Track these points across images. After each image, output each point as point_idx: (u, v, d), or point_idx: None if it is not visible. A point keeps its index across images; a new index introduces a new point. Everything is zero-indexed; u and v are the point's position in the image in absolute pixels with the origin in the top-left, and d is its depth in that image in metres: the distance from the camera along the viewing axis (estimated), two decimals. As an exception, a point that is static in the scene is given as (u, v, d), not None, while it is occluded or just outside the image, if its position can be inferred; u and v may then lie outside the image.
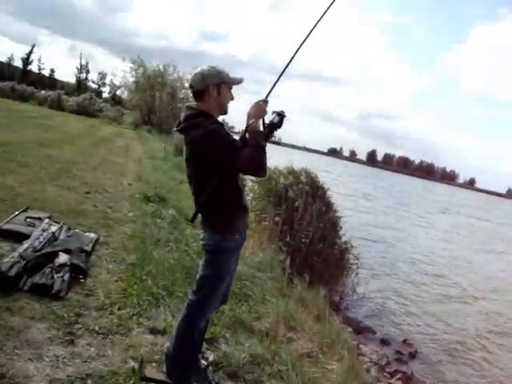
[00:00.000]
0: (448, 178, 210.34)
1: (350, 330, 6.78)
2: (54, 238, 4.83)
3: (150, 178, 10.58)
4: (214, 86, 2.72)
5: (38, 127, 17.00)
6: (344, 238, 9.27)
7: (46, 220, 5.34)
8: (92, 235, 5.30)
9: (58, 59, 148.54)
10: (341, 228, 9.35)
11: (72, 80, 67.05)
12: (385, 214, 26.01)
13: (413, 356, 7.09)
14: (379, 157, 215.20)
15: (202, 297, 2.81)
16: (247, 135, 2.68)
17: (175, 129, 2.82)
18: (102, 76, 69.66)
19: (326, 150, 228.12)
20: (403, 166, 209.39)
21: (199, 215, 2.87)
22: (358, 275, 9.21)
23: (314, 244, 8.17)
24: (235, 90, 2.87)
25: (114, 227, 6.03)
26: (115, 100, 54.51)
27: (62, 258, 4.21)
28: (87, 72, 67.39)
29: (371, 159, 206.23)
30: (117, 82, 39.75)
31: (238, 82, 2.84)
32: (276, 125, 2.75)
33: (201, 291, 2.81)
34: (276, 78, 2.90)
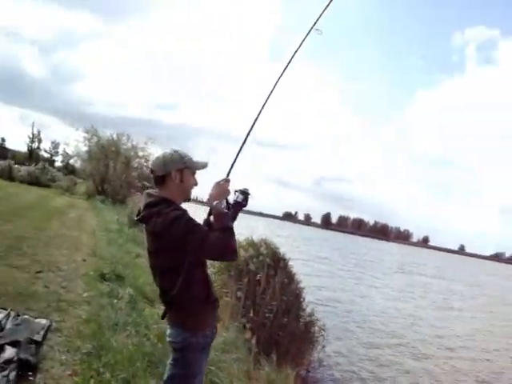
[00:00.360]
0: (402, 237, 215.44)
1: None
2: (0, 327, 4.43)
3: (104, 252, 10.16)
4: (177, 172, 2.58)
5: (-13, 200, 16.36)
6: (308, 310, 9.07)
7: (-8, 307, 4.93)
8: (43, 321, 4.89)
9: (8, 127, 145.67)
10: (303, 299, 9.15)
11: (23, 149, 65.65)
12: (340, 277, 26.06)
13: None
14: (334, 219, 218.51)
15: None
16: (212, 218, 2.56)
17: (136, 218, 2.62)
18: (55, 145, 68.77)
19: (281, 215, 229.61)
20: (358, 227, 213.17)
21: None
22: (325, 348, 8.97)
23: (278, 318, 7.89)
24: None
25: (68, 310, 5.60)
26: (68, 169, 53.72)
27: (8, 352, 3.81)
28: (39, 141, 66.08)
29: (326, 222, 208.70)
30: (70, 152, 39.33)
31: (202, 166, 2.69)
32: (241, 204, 2.66)
33: None
34: (235, 155, 2.86)
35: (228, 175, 2.73)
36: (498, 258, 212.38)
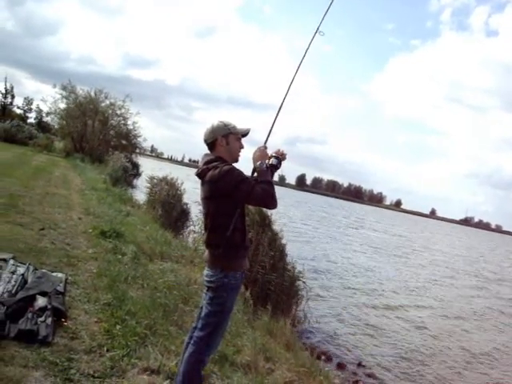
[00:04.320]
0: (375, 200, 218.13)
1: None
2: (23, 280, 4.77)
3: (97, 211, 10.47)
4: (222, 137, 3.06)
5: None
6: (291, 265, 9.54)
7: (11, 261, 5.24)
8: (60, 275, 5.24)
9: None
10: (287, 255, 9.60)
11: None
12: (309, 232, 27.38)
13: (369, 376, 7.43)
14: (308, 181, 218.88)
15: (208, 333, 2.99)
16: (256, 174, 3.02)
17: (195, 174, 3.05)
18: (29, 101, 66.71)
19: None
20: (332, 189, 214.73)
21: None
22: (308, 301, 9.49)
23: (268, 274, 8.37)
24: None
25: (78, 265, 5.97)
26: (41, 126, 52.56)
27: (41, 301, 4.18)
28: (12, 97, 63.79)
29: (300, 183, 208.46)
30: (46, 108, 38.65)
31: (245, 131, 3.16)
32: (276, 166, 3.13)
33: (207, 328, 2.99)
34: (271, 125, 3.26)
35: (266, 142, 3.17)
36: (467, 222, 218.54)
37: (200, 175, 3.03)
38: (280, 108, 3.28)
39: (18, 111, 64.43)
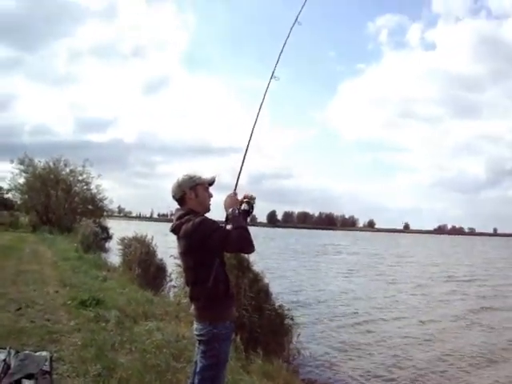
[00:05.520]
0: (348, 224, 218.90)
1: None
2: (6, 365, 4.62)
3: (73, 281, 10.27)
4: (190, 190, 3.10)
5: None
6: (278, 303, 9.49)
7: (-9, 348, 5.08)
8: (44, 353, 5.07)
9: None
10: (271, 294, 9.56)
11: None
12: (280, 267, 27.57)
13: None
14: (279, 216, 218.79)
15: None
16: (229, 221, 3.04)
17: (170, 230, 3.07)
18: (-13, 181, 65.53)
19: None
20: (303, 220, 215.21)
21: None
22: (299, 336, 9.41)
23: (253, 316, 8.29)
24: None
25: (62, 340, 5.81)
26: (3, 204, 51.67)
27: (28, 385, 4.06)
28: (-31, 178, 62.62)
29: (272, 220, 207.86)
30: (5, 186, 38.24)
31: (211, 180, 3.22)
32: (248, 211, 3.20)
33: (204, 383, 2.95)
34: (238, 173, 3.33)
35: (235, 189, 3.22)
36: (441, 230, 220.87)
37: (175, 231, 3.06)
38: (245, 155, 3.36)
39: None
